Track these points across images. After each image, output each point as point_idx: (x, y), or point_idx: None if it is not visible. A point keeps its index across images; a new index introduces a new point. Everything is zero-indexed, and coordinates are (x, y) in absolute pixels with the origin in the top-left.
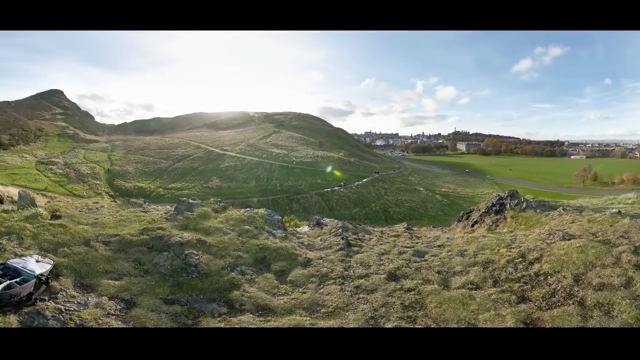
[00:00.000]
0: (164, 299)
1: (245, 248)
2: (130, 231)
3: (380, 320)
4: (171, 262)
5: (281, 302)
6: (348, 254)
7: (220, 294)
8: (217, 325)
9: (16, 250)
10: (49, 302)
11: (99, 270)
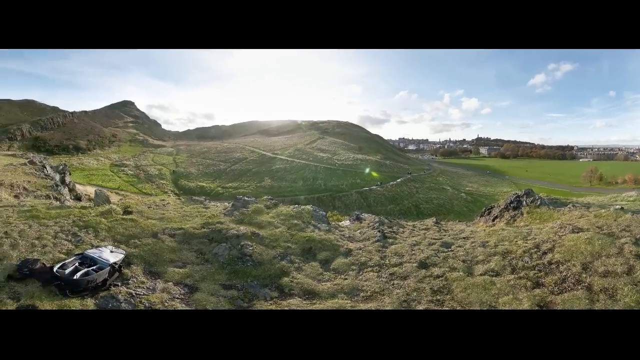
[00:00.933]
0: (223, 284)
1: (294, 240)
2: (193, 225)
3: (412, 303)
4: (229, 252)
5: (325, 287)
6: (384, 245)
7: (272, 280)
8: (269, 307)
9: (93, 241)
10: (121, 287)
11: (165, 259)
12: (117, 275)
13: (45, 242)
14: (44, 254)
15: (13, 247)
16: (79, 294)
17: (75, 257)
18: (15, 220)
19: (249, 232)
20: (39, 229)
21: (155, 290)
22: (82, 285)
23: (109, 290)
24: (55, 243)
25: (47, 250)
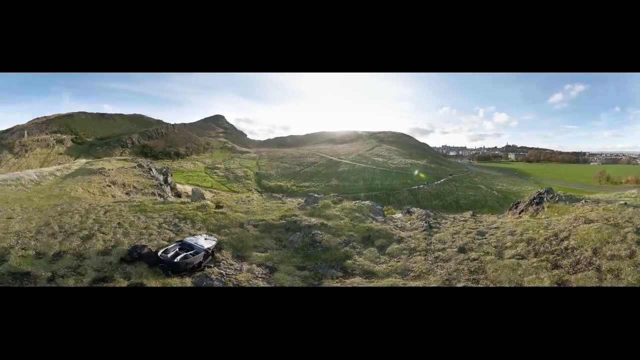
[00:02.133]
0: (297, 266)
1: (355, 229)
2: (273, 217)
3: (453, 281)
4: (302, 240)
5: (381, 268)
6: (429, 234)
7: (337, 262)
8: (335, 284)
9: (190, 230)
10: (214, 268)
11: (250, 245)
12: (210, 258)
13: (151, 231)
14: (150, 241)
15: (125, 235)
16: (178, 274)
17: (176, 243)
18: (127, 213)
19: (319, 223)
20: (146, 221)
21: (241, 270)
22: (182, 267)
23: (204, 270)
24: (160, 232)
25: (153, 238)
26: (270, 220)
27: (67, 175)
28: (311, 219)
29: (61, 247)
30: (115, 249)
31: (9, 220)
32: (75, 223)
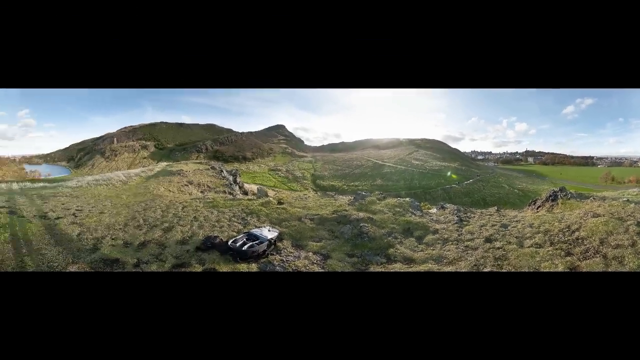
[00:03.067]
0: (347, 253)
1: (397, 222)
2: (326, 212)
3: (480, 267)
4: (351, 231)
5: (419, 255)
6: (460, 226)
7: (382, 250)
8: (379, 269)
9: (255, 223)
10: (276, 256)
11: (307, 236)
12: (273, 247)
13: (222, 224)
14: (221, 232)
15: (200, 227)
16: (246, 260)
17: (243, 234)
18: (202, 209)
19: (366, 217)
20: (218, 215)
21: (299, 257)
22: (249, 255)
23: (267, 257)
24: (230, 225)
25: (224, 229)
26: (324, 214)
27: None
28: (359, 213)
29: (145, 238)
30: (192, 239)
31: (101, 215)
32: (158, 217)
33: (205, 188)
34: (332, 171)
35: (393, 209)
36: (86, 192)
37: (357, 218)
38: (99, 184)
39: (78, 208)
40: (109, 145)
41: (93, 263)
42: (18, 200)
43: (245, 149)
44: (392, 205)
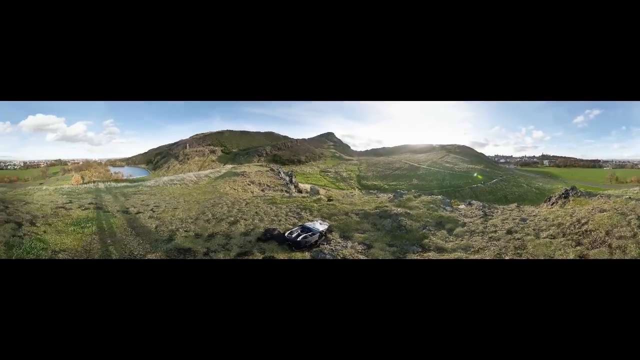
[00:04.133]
0: (387, 244)
1: (431, 216)
2: (369, 207)
3: (502, 255)
4: (391, 224)
5: (450, 245)
6: (485, 220)
7: (417, 241)
8: (415, 257)
9: (309, 217)
10: (326, 245)
11: (353, 228)
12: (323, 238)
13: (280, 218)
14: (279, 225)
15: (261, 221)
16: (300, 249)
17: (298, 227)
18: (262, 205)
19: (403, 212)
20: (276, 210)
21: (346, 247)
22: (303, 245)
23: (319, 247)
24: (286, 219)
25: (281, 223)
26: (367, 209)
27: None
28: (398, 209)
29: (213, 230)
30: (254, 231)
31: (175, 210)
32: (224, 212)
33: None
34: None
35: (427, 205)
36: (162, 190)
37: (396, 213)
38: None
39: (155, 204)
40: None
41: (169, 252)
42: (104, 197)
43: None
44: (426, 202)
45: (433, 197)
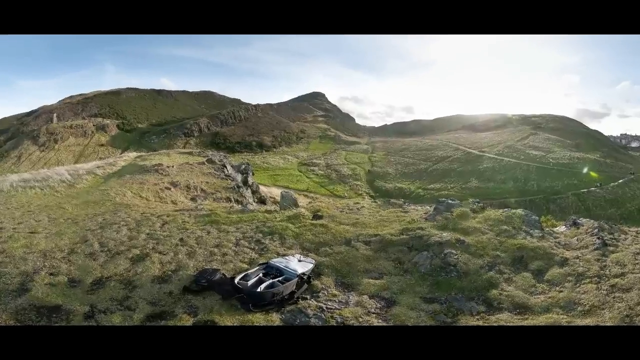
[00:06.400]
0: (423, 297)
1: (503, 247)
2: (390, 231)
3: (635, 318)
4: (430, 261)
5: (538, 300)
6: (604, 254)
7: (479, 292)
8: (476, 323)
9: (278, 249)
10: (310, 301)
11: (360, 269)
12: (305, 287)
13: (225, 250)
14: (224, 264)
15: (190, 255)
16: (263, 308)
17: (259, 266)
18: (193, 226)
19: (453, 239)
20: (219, 236)
21: (348, 303)
22: (267, 299)
23: (297, 303)
24: (237, 251)
25: (228, 259)
26: (387, 235)
27: (112, 174)
28: (443, 233)
29: (103, 272)
30: (177, 274)
31: (33, 236)
32: (123, 239)
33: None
34: (400, 166)
35: (497, 227)
36: (8, 199)
37: (440, 241)
38: (29, 187)
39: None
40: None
41: (20, 312)
42: None
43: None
44: (495, 220)
45: (508, 212)
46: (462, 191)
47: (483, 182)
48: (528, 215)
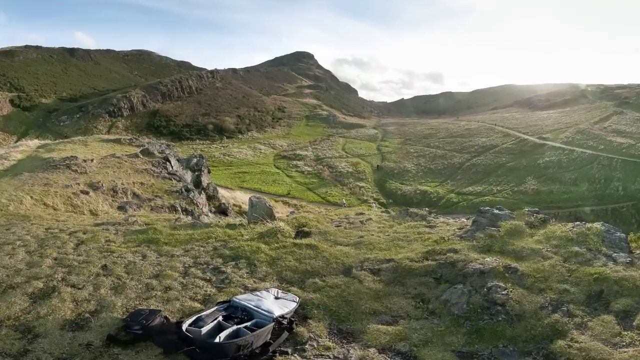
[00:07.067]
0: (458, 351)
1: (574, 279)
2: (410, 255)
3: None
4: (468, 299)
5: (625, 356)
6: None
7: (538, 344)
8: None
9: (246, 281)
10: (293, 357)
11: (365, 310)
12: (285, 336)
13: (168, 283)
14: (166, 302)
15: (117, 290)
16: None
17: (217, 306)
18: (121, 247)
19: (501, 267)
20: (159, 261)
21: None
22: (230, 353)
23: (274, 359)
24: (185, 284)
25: (172, 295)
26: (404, 260)
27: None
28: (486, 258)
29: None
30: (98, 318)
31: None
32: (19, 266)
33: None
34: (424, 160)
35: (564, 248)
36: None
37: (482, 269)
38: None
39: None
40: None
41: None
42: None
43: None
44: (561, 238)
45: (580, 227)
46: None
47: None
48: (610, 232)
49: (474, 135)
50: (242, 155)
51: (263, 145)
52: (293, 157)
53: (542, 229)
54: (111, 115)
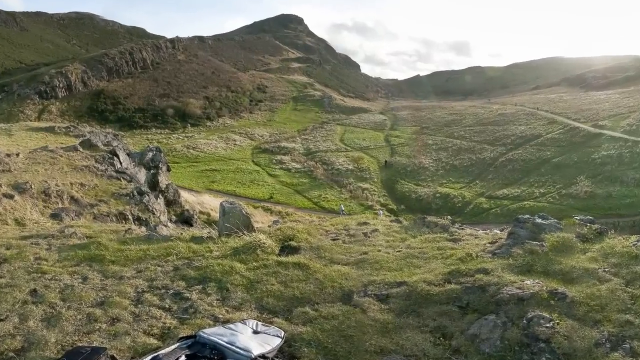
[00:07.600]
0: None
1: (637, 307)
2: (427, 276)
3: None
4: (502, 334)
5: None
6: None
7: None
8: None
9: (216, 311)
10: None
11: (369, 348)
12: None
13: (116, 313)
14: (113, 337)
15: (49, 322)
16: None
17: (179, 343)
18: (54, 267)
19: (545, 292)
20: (104, 285)
21: None
22: None
23: None
24: (138, 314)
25: (121, 329)
26: (420, 284)
27: None
28: (525, 280)
29: None
30: (26, 357)
31: None
32: None
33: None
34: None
35: (626, 268)
36: None
37: (520, 295)
38: None
39: None
40: None
41: None
42: None
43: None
44: (622, 255)
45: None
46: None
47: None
48: None
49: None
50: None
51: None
52: (277, 151)
53: (597, 243)
54: (42, 96)
